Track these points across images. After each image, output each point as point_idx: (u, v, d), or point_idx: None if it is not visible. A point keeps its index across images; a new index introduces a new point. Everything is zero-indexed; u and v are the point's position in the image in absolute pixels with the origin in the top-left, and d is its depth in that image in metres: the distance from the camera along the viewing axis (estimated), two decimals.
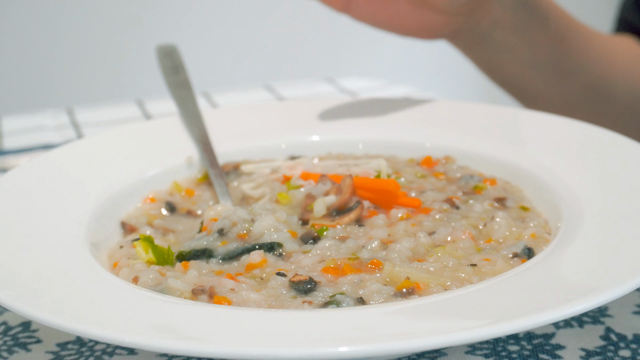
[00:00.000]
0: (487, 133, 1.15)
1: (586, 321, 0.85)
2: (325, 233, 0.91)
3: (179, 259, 0.90)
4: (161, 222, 1.01)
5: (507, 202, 1.00)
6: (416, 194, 1.02)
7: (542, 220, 0.95)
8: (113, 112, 1.79)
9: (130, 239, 0.95)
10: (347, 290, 0.79)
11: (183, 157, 1.15)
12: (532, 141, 1.10)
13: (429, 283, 0.79)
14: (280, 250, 0.88)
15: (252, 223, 0.93)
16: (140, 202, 1.06)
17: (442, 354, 0.80)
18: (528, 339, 0.82)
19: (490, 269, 0.82)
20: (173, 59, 1.32)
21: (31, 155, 1.50)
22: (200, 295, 0.79)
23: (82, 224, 0.93)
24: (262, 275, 0.84)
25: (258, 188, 1.08)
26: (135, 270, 0.86)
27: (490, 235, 0.91)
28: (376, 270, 0.83)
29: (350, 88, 1.90)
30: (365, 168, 1.09)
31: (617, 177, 0.95)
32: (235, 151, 1.19)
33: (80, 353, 0.83)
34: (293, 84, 1.99)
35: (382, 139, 1.19)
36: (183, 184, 1.12)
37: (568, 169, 1.00)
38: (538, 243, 0.88)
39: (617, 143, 1.04)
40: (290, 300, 0.78)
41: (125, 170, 1.09)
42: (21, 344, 0.86)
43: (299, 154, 1.19)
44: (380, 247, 0.87)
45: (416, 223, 0.93)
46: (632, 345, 0.81)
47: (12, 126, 1.71)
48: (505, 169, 1.08)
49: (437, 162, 1.13)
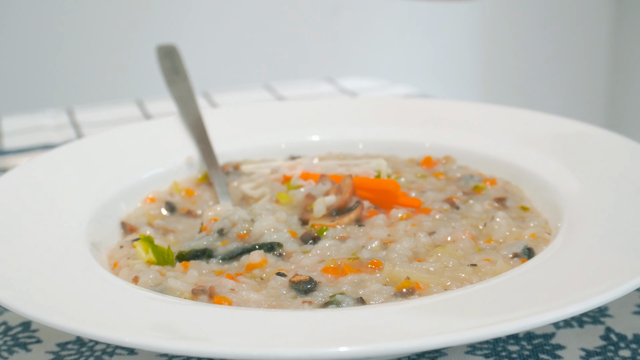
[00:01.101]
0: (487, 133, 1.15)
1: (586, 321, 0.85)
2: (325, 233, 0.91)
3: (179, 259, 0.90)
4: (161, 222, 1.01)
5: (507, 202, 1.00)
6: (416, 194, 1.02)
7: (542, 220, 0.95)
8: (113, 112, 1.79)
9: (130, 239, 0.95)
10: (347, 290, 0.79)
11: (183, 157, 1.15)
12: (532, 141, 1.10)
13: (429, 283, 0.79)
14: (280, 250, 0.88)
15: (252, 223, 0.93)
16: (140, 202, 1.06)
17: (442, 354, 0.80)
18: (528, 339, 0.82)
19: (490, 269, 0.82)
20: (173, 59, 1.32)
21: (31, 155, 1.49)
22: (200, 295, 0.79)
23: (82, 224, 0.93)
24: (262, 275, 0.84)
25: (258, 188, 1.08)
26: (135, 270, 0.86)
27: (491, 235, 0.91)
28: (376, 270, 0.83)
29: (350, 88, 1.90)
30: (365, 168, 1.09)
31: (617, 177, 0.95)
32: (235, 151, 1.19)
33: (80, 353, 0.83)
34: (293, 84, 1.99)
35: (382, 139, 1.20)
36: (183, 184, 1.12)
37: (568, 169, 1.00)
38: (538, 243, 0.88)
39: (617, 143, 1.04)
40: (290, 300, 0.78)
41: (126, 170, 1.09)
42: (21, 344, 0.86)
43: (299, 154, 1.19)
44: (380, 247, 0.87)
45: (416, 223, 0.93)
46: (632, 345, 0.81)
47: (12, 126, 1.71)
48: (505, 169, 1.08)
49: (437, 162, 1.13)
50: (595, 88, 3.94)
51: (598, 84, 3.93)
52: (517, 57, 3.78)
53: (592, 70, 3.91)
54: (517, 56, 3.78)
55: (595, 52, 3.89)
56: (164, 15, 3.23)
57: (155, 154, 1.14)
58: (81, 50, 3.21)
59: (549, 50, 3.82)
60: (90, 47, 3.21)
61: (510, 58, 3.77)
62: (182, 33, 3.19)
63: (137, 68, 3.23)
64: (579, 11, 3.79)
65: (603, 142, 1.05)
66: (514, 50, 3.77)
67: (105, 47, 3.23)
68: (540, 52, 3.81)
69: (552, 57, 3.84)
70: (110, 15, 3.20)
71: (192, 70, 1.39)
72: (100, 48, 3.23)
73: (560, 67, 3.88)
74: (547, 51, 3.82)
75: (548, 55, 3.83)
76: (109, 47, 3.23)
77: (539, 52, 3.81)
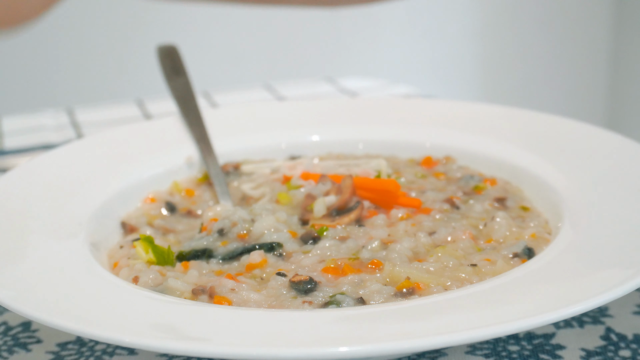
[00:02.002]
0: (487, 133, 1.15)
1: (586, 321, 0.85)
2: (326, 233, 0.91)
3: (179, 259, 0.90)
4: (161, 222, 1.01)
5: (507, 202, 1.00)
6: (416, 194, 1.02)
7: (542, 220, 0.95)
8: (113, 112, 1.79)
9: (130, 239, 0.95)
10: (347, 290, 0.79)
11: (183, 157, 1.15)
12: (532, 141, 1.10)
13: (429, 283, 0.79)
14: (281, 251, 0.88)
15: (252, 223, 0.93)
16: (140, 202, 1.06)
17: (442, 354, 0.80)
18: (528, 339, 0.82)
19: (491, 269, 0.82)
20: (173, 59, 1.32)
21: (31, 155, 1.49)
22: (200, 295, 0.79)
23: (82, 224, 0.93)
24: (262, 275, 0.84)
25: (258, 188, 1.08)
26: (135, 270, 0.86)
27: (491, 235, 0.91)
28: (376, 270, 0.83)
29: (350, 88, 1.90)
30: (365, 168, 1.09)
31: (617, 177, 0.95)
32: (235, 151, 1.19)
33: (80, 353, 0.83)
34: (293, 84, 1.99)
35: (382, 139, 1.19)
36: (183, 184, 1.12)
37: (568, 169, 1.00)
38: (538, 243, 0.88)
39: (617, 143, 1.04)
40: (291, 300, 0.78)
41: (125, 170, 1.08)
42: (21, 344, 0.86)
43: (299, 154, 1.19)
44: (381, 247, 0.87)
45: (416, 223, 0.93)
46: (633, 345, 0.81)
47: (12, 126, 1.71)
48: (505, 169, 1.08)
49: (437, 162, 1.13)
50: (595, 88, 3.94)
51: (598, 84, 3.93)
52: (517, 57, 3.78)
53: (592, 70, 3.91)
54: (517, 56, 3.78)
55: (595, 52, 3.89)
56: (164, 15, 3.23)
57: (155, 154, 1.14)
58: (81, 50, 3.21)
59: (549, 50, 3.82)
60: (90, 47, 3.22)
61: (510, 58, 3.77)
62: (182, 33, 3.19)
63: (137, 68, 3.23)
64: (579, 11, 3.79)
65: (603, 142, 1.05)
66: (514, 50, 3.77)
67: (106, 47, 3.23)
68: (540, 52, 3.81)
69: (552, 57, 3.84)
70: (110, 15, 3.20)
71: (192, 70, 1.39)
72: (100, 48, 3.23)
73: (560, 67, 3.88)
74: (547, 51, 3.82)
75: (548, 55, 3.83)
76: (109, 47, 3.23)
77: (539, 52, 3.81)
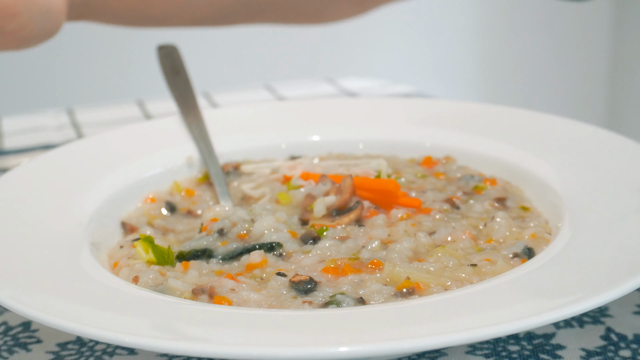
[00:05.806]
0: (487, 133, 1.15)
1: (586, 321, 0.85)
2: (325, 233, 0.91)
3: (179, 259, 0.90)
4: (161, 222, 1.01)
5: (507, 202, 1.00)
6: (416, 194, 1.02)
7: (542, 220, 0.95)
8: (113, 112, 1.79)
9: (130, 239, 0.95)
10: (347, 290, 0.79)
11: (183, 157, 1.15)
12: (532, 141, 1.10)
13: (429, 283, 0.79)
14: (281, 251, 0.88)
15: (252, 223, 0.93)
16: (140, 202, 1.06)
17: (442, 354, 0.80)
18: (528, 339, 0.82)
19: (491, 269, 0.82)
20: (173, 59, 1.32)
21: (31, 155, 1.49)
22: (200, 295, 0.79)
23: (82, 224, 0.93)
24: (262, 275, 0.84)
25: (258, 188, 1.08)
26: (135, 270, 0.86)
27: (491, 235, 0.91)
28: (376, 270, 0.83)
29: (350, 88, 1.90)
30: (366, 168, 1.09)
31: (617, 177, 0.95)
32: (235, 151, 1.18)
33: (81, 353, 0.83)
34: (293, 84, 1.99)
35: (382, 139, 1.19)
36: (183, 184, 1.12)
37: (568, 169, 1.00)
38: (538, 243, 0.88)
39: (617, 143, 1.04)
40: (291, 300, 0.78)
41: (126, 170, 1.08)
42: (21, 344, 0.86)
43: (299, 154, 1.19)
44: (381, 247, 0.87)
45: (416, 223, 0.93)
46: (633, 345, 0.81)
47: (12, 126, 1.71)
48: (505, 169, 1.08)
49: (437, 162, 1.12)
50: (595, 88, 3.94)
51: (598, 84, 3.93)
52: (517, 57, 3.78)
53: (592, 70, 3.91)
54: (517, 56, 3.78)
55: (595, 52, 3.89)
56: None
57: (155, 154, 1.14)
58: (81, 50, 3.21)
59: (548, 50, 3.83)
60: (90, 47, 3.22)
61: (510, 58, 3.77)
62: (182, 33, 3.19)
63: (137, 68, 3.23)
64: (579, 11, 3.79)
65: (603, 142, 1.05)
66: (514, 51, 3.77)
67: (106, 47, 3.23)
68: (540, 52, 3.81)
69: (552, 57, 3.84)
70: None
71: (193, 70, 1.39)
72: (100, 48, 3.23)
73: (560, 67, 3.88)
74: (547, 51, 3.83)
75: (548, 55, 3.83)
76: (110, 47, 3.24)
77: (539, 52, 3.81)
